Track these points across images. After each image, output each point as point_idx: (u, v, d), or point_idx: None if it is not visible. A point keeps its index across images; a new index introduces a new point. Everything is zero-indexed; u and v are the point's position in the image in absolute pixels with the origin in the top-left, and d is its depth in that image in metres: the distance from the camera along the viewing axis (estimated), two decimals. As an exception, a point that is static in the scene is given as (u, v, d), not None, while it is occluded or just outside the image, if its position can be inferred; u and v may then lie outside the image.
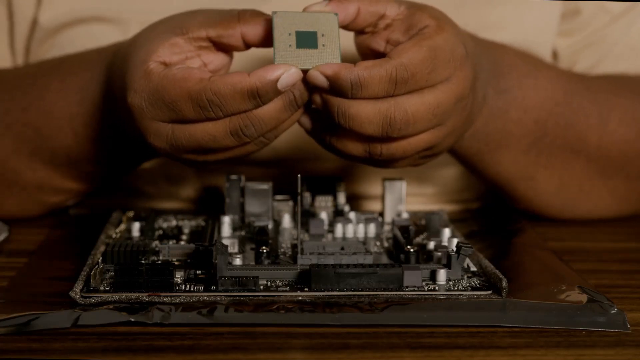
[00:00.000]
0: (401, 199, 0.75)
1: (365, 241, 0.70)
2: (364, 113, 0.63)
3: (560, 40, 0.86)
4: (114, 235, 0.71)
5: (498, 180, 0.79)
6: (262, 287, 0.61)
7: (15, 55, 0.83)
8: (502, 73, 0.75)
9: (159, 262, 0.65)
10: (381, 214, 0.76)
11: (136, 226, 0.72)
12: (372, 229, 0.72)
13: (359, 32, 0.68)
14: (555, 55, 0.86)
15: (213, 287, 0.61)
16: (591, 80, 0.81)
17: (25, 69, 0.81)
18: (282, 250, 0.68)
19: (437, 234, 0.71)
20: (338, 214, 0.75)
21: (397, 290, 0.61)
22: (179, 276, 0.63)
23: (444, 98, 0.64)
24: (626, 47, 0.85)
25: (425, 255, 0.66)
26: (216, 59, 0.67)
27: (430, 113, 0.64)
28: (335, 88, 0.63)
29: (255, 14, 0.66)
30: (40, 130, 0.75)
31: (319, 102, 0.64)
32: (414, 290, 0.61)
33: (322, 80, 0.63)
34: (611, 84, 0.82)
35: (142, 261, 0.64)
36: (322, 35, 0.64)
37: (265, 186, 0.73)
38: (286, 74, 0.62)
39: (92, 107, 0.73)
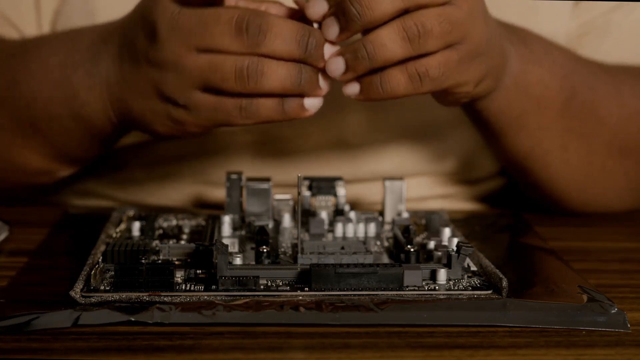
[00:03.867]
0: (401, 198, 0.75)
1: (365, 241, 0.70)
2: (382, 34, 0.63)
3: (571, 20, 0.86)
4: (114, 235, 0.71)
5: (535, 153, 0.79)
6: (262, 287, 0.61)
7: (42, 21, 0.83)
8: (518, 32, 0.76)
9: (159, 261, 0.65)
10: (381, 214, 0.76)
11: (136, 226, 0.72)
12: (372, 228, 0.72)
13: None
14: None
15: (213, 287, 0.61)
16: (597, 62, 0.82)
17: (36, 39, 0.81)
18: (283, 249, 0.68)
19: (437, 234, 0.71)
20: (338, 214, 0.75)
21: (397, 290, 0.61)
22: (179, 276, 0.63)
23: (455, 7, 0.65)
24: (626, 32, 0.86)
25: (425, 255, 0.66)
26: None
27: (444, 18, 0.64)
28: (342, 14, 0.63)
29: None
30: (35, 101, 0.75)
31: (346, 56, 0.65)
32: (414, 290, 0.61)
33: (322, 6, 0.65)
34: (615, 67, 0.83)
35: (143, 261, 0.64)
36: None
37: (265, 186, 0.73)
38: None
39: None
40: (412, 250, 0.65)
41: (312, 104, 0.66)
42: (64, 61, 0.74)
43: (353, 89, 0.66)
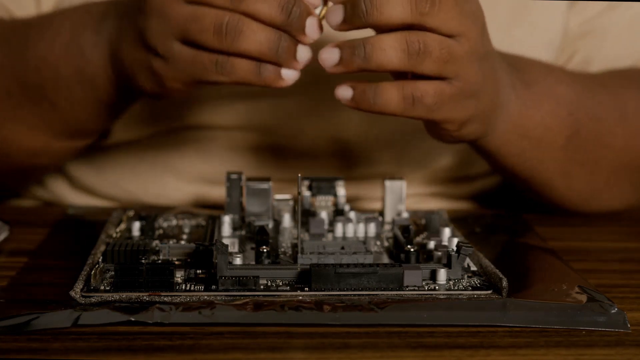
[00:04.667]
0: (401, 198, 0.75)
1: (365, 241, 0.70)
2: (384, 39, 0.64)
3: (571, 17, 0.86)
4: (114, 235, 0.71)
5: (537, 179, 0.80)
6: (262, 287, 0.61)
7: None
8: (523, 69, 0.77)
9: (159, 261, 0.65)
10: (381, 214, 0.76)
11: (136, 225, 0.72)
12: (372, 228, 0.72)
13: None
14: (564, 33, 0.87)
15: (213, 287, 0.61)
16: (601, 78, 0.83)
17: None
18: (283, 249, 0.68)
19: (437, 234, 0.71)
20: (338, 214, 0.75)
21: (397, 290, 0.61)
22: (179, 276, 0.63)
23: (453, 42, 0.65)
24: (624, 31, 0.86)
25: (425, 255, 0.66)
26: None
27: (445, 46, 0.64)
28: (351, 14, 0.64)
29: None
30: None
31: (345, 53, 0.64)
32: (414, 290, 0.61)
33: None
34: (618, 78, 0.83)
35: (143, 261, 0.64)
36: None
37: (265, 186, 0.73)
38: None
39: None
40: (412, 250, 0.65)
41: (289, 74, 0.66)
42: (75, 23, 0.75)
43: (345, 92, 0.66)
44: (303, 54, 0.66)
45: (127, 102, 0.78)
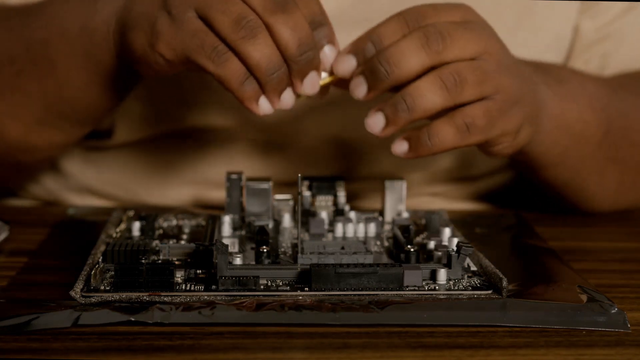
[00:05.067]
0: (401, 198, 0.75)
1: (365, 241, 0.70)
2: (420, 85, 0.64)
3: (585, 22, 0.86)
4: (114, 235, 0.71)
5: (575, 181, 0.80)
6: (262, 287, 0.61)
7: None
8: (550, 69, 0.78)
9: (159, 261, 0.65)
10: (381, 214, 0.76)
11: (136, 225, 0.72)
12: (372, 228, 0.72)
13: None
14: (577, 37, 0.87)
15: (213, 287, 0.61)
16: (618, 79, 0.84)
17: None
18: (283, 249, 0.68)
19: (437, 234, 0.71)
20: (338, 214, 0.75)
21: (397, 290, 0.61)
22: (179, 276, 0.63)
23: (473, 44, 0.66)
24: (639, 33, 0.86)
25: (425, 255, 0.66)
26: None
27: (476, 67, 0.65)
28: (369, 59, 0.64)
29: None
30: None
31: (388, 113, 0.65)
32: (414, 290, 0.61)
33: (351, 63, 0.65)
34: (636, 80, 0.85)
35: (143, 261, 0.64)
36: None
37: (266, 185, 0.73)
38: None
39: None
40: (412, 250, 0.65)
41: (265, 105, 0.65)
42: None
43: (402, 147, 0.67)
44: (287, 99, 0.66)
45: (117, 73, 0.74)
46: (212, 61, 0.64)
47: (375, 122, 0.66)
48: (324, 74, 0.67)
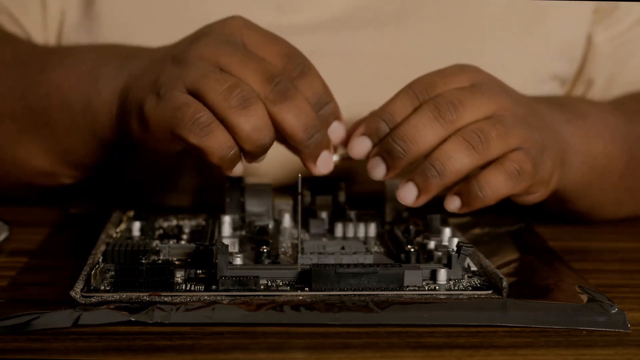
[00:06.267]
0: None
1: (365, 241, 0.70)
2: (446, 149, 0.63)
3: (599, 33, 0.86)
4: (114, 235, 0.71)
5: (593, 210, 0.80)
6: (262, 287, 0.61)
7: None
8: (568, 104, 0.77)
9: (160, 261, 0.65)
10: (381, 214, 0.76)
11: (136, 225, 0.72)
12: (372, 228, 0.72)
13: None
14: (591, 48, 0.87)
15: (213, 287, 0.61)
16: (630, 105, 0.83)
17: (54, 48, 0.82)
18: (283, 249, 0.68)
19: (437, 234, 0.71)
20: (338, 214, 0.75)
21: (397, 290, 0.61)
22: (179, 276, 0.63)
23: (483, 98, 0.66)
24: None
25: (425, 255, 0.66)
26: None
27: (495, 122, 0.65)
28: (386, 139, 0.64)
29: None
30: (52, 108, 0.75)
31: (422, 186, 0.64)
32: (414, 290, 0.61)
33: (365, 145, 0.65)
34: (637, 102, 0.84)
35: (143, 261, 0.64)
36: None
37: (266, 186, 0.73)
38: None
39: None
40: (412, 250, 0.65)
41: (239, 170, 0.64)
42: (101, 55, 0.75)
43: (454, 203, 0.66)
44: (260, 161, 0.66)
45: (121, 147, 0.75)
46: (193, 133, 0.62)
47: (408, 194, 0.65)
48: (335, 157, 0.67)
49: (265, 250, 0.65)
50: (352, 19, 0.82)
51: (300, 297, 0.60)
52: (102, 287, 0.61)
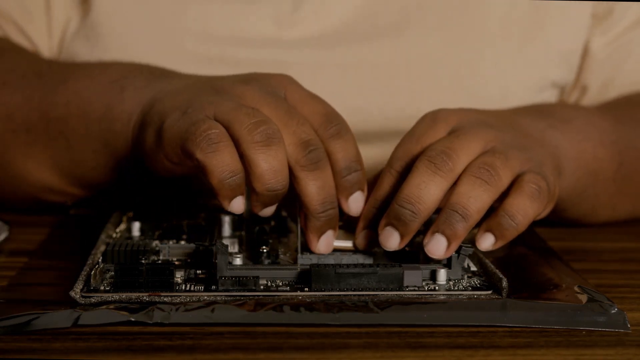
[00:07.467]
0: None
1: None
2: (461, 191, 0.63)
3: (596, 38, 0.86)
4: (114, 235, 0.71)
5: (588, 216, 0.80)
6: (262, 287, 0.61)
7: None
8: (552, 110, 0.77)
9: (159, 261, 0.65)
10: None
11: (136, 226, 0.72)
12: (372, 228, 0.72)
13: None
14: (587, 55, 0.87)
15: (213, 287, 0.61)
16: (619, 108, 0.83)
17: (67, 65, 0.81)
18: (283, 250, 0.68)
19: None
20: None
21: (397, 290, 0.61)
22: (179, 276, 0.63)
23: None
24: None
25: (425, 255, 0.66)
26: None
27: (492, 154, 0.65)
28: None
29: None
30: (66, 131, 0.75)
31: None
32: (414, 290, 0.61)
33: (370, 237, 0.66)
34: (635, 107, 0.84)
35: (143, 261, 0.64)
36: None
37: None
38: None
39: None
40: (412, 250, 0.65)
41: (237, 207, 0.62)
42: (131, 69, 0.74)
43: (488, 241, 0.65)
44: (268, 212, 0.64)
45: (126, 164, 0.75)
46: (200, 147, 0.60)
47: (438, 246, 0.63)
48: (337, 242, 0.66)
49: (264, 251, 0.65)
50: (351, 32, 0.83)
51: (300, 297, 0.60)
52: (102, 287, 0.61)
